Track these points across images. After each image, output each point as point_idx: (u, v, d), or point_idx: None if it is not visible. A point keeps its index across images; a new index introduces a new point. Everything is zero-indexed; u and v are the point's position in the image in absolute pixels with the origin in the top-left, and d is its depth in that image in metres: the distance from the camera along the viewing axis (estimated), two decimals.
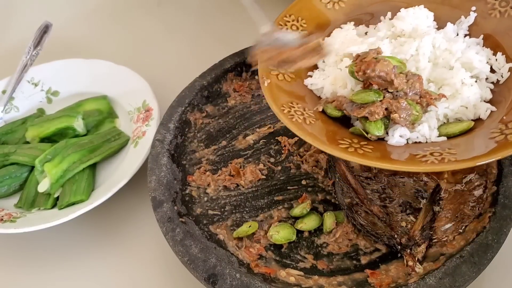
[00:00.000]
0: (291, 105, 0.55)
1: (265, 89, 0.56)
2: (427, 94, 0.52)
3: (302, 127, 0.52)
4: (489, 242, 0.51)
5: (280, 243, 0.57)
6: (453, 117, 0.53)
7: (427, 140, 0.52)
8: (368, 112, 0.51)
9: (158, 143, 0.64)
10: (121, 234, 0.65)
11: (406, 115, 0.50)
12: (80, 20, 0.98)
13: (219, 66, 0.72)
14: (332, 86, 0.56)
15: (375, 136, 0.51)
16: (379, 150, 0.50)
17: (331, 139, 0.51)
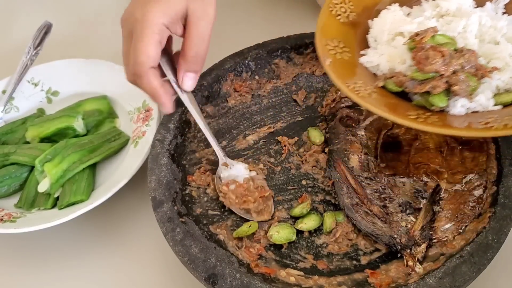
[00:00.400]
0: (354, 81, 0.57)
1: (328, 68, 0.59)
2: (481, 67, 0.55)
3: (370, 100, 0.55)
4: (489, 242, 0.51)
5: (280, 243, 0.57)
6: (504, 88, 0.57)
7: (484, 109, 0.55)
8: (431, 86, 0.54)
9: (158, 143, 0.64)
10: (121, 234, 0.65)
11: (465, 86, 0.54)
12: (80, 20, 0.98)
13: (219, 66, 0.72)
14: (389, 63, 0.60)
15: (439, 107, 0.55)
16: (444, 119, 0.54)
17: (398, 111, 0.55)
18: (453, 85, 0.54)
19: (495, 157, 0.59)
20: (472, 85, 0.54)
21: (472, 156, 0.60)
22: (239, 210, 0.60)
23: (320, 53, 0.60)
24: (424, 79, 0.55)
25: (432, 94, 0.55)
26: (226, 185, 0.61)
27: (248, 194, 0.60)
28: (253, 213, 0.59)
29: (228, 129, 0.70)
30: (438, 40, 0.56)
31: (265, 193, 0.60)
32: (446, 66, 0.54)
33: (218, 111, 0.71)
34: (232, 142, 0.68)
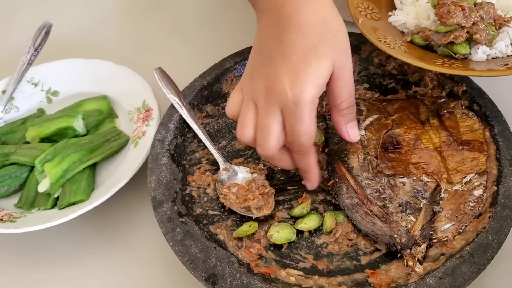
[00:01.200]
0: (385, 37, 0.63)
1: (361, 26, 0.65)
2: (500, 17, 0.62)
3: (399, 52, 0.61)
4: (489, 242, 0.51)
5: (280, 243, 0.57)
6: None
7: (503, 55, 0.61)
8: (453, 37, 0.60)
9: (158, 143, 0.64)
10: (121, 234, 0.65)
11: (485, 34, 0.60)
12: (80, 20, 0.98)
13: (219, 66, 0.72)
14: (415, 20, 0.66)
15: (462, 55, 0.61)
16: (467, 65, 0.60)
17: (425, 59, 0.60)
18: (473, 34, 0.60)
19: (495, 157, 0.59)
20: (491, 33, 0.60)
21: (472, 156, 0.60)
22: (240, 209, 0.60)
23: (353, 13, 0.67)
24: (447, 31, 0.61)
25: (456, 44, 0.61)
26: (228, 188, 0.61)
27: (249, 193, 0.60)
28: (253, 210, 0.59)
29: (228, 129, 0.70)
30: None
31: (265, 190, 0.60)
32: (466, 19, 0.60)
33: (218, 111, 0.71)
34: (232, 142, 0.68)
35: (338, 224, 0.58)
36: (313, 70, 0.52)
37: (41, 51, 0.82)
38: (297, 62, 0.52)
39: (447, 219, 0.55)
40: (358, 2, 0.68)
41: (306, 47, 0.52)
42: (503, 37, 0.62)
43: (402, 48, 0.62)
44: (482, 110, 0.64)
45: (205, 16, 0.95)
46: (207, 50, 0.86)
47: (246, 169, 0.63)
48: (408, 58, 0.60)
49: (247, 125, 0.56)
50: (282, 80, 0.53)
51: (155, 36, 0.92)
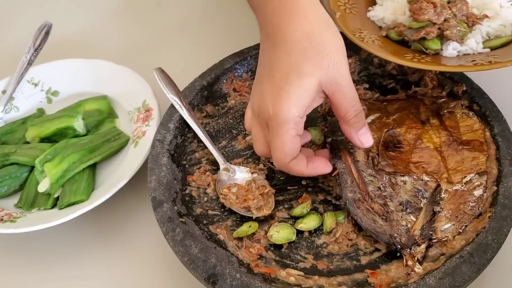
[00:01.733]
0: (360, 31, 0.65)
1: (338, 20, 0.66)
2: (472, 15, 0.63)
3: (372, 46, 0.63)
4: (489, 242, 0.51)
5: (280, 243, 0.57)
6: (494, 35, 0.64)
7: (474, 52, 0.62)
8: (425, 32, 0.62)
9: (158, 143, 0.64)
10: (121, 234, 0.65)
11: (456, 31, 0.61)
12: (80, 20, 0.98)
13: (219, 66, 0.72)
14: (392, 16, 0.68)
15: (434, 50, 0.62)
16: (437, 59, 0.62)
17: (397, 54, 0.62)
18: (445, 30, 0.61)
19: (495, 157, 0.59)
20: (462, 30, 0.62)
21: (472, 156, 0.60)
22: (240, 209, 0.60)
23: (331, 7, 0.68)
24: (419, 27, 0.63)
25: (427, 40, 0.62)
26: (228, 188, 0.61)
27: (249, 194, 0.60)
28: (253, 210, 0.59)
29: (228, 129, 0.70)
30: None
31: (265, 190, 0.60)
32: (438, 15, 0.61)
33: (218, 111, 0.71)
34: (232, 142, 0.68)
35: (338, 224, 0.58)
36: (294, 89, 0.52)
37: (41, 51, 0.82)
38: (279, 80, 0.53)
39: (447, 219, 0.55)
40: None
41: (289, 65, 0.53)
42: (475, 34, 0.63)
43: (376, 42, 0.64)
44: (482, 110, 0.64)
45: (205, 16, 0.95)
46: (207, 50, 0.86)
47: (246, 169, 0.63)
48: (379, 52, 0.61)
49: (257, 140, 0.58)
50: (266, 98, 0.54)
51: (155, 36, 0.92)
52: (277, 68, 0.53)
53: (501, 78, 0.73)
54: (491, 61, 0.58)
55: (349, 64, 0.70)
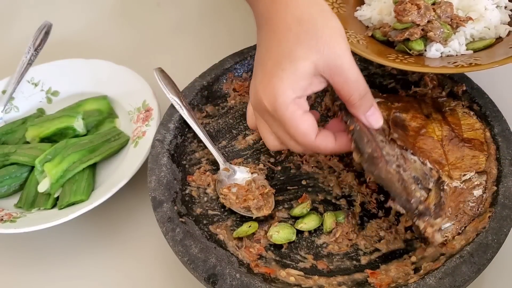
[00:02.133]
0: (346, 31, 0.63)
1: None
2: (456, 17, 0.63)
3: (357, 45, 0.63)
4: (489, 242, 0.51)
5: (280, 243, 0.57)
6: (478, 37, 0.65)
7: (457, 53, 0.63)
8: (408, 33, 0.63)
9: (158, 143, 0.64)
10: (121, 234, 0.65)
11: (440, 32, 0.62)
12: (80, 20, 0.98)
13: (219, 66, 0.72)
14: (378, 16, 0.68)
15: (417, 51, 0.63)
16: (420, 60, 0.63)
17: (380, 54, 0.63)
18: (428, 32, 0.62)
19: (495, 157, 0.59)
20: (446, 32, 0.62)
21: (472, 155, 0.59)
22: (240, 209, 0.60)
23: None
24: (403, 28, 0.63)
25: (411, 40, 0.63)
26: (228, 188, 0.61)
27: (249, 194, 0.60)
28: (253, 210, 0.59)
29: (228, 129, 0.70)
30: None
31: (265, 190, 0.60)
32: (421, 17, 0.62)
33: (218, 111, 0.71)
34: (232, 142, 0.68)
35: (338, 224, 0.58)
36: (287, 74, 0.50)
37: (41, 51, 0.82)
38: (271, 68, 0.51)
39: (447, 217, 0.55)
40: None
41: (281, 52, 0.50)
42: (458, 36, 0.64)
43: (361, 42, 0.65)
44: (482, 110, 0.64)
45: (204, 16, 0.95)
46: (206, 50, 0.86)
47: (246, 169, 0.63)
48: (362, 52, 0.62)
49: (265, 136, 0.56)
50: (258, 89, 0.52)
51: (155, 36, 0.92)
52: (269, 57, 0.51)
53: (501, 78, 0.73)
54: (472, 63, 0.59)
55: None
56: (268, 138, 0.56)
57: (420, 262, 0.54)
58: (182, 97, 0.68)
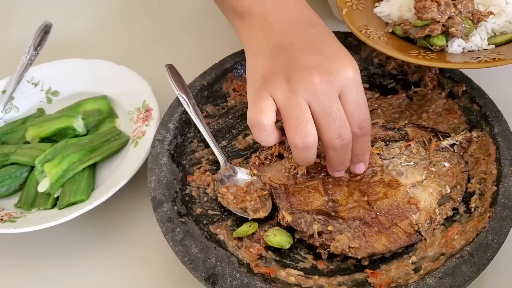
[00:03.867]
0: (366, 27, 0.66)
1: (344, 16, 0.67)
2: (478, 12, 0.63)
3: (378, 42, 0.63)
4: (489, 242, 0.51)
5: (272, 245, 0.57)
6: (499, 31, 0.64)
7: (479, 48, 0.63)
8: (429, 30, 0.62)
9: (158, 143, 0.64)
10: (121, 234, 0.65)
11: (461, 28, 0.62)
12: (80, 20, 0.98)
13: (219, 66, 0.72)
14: (398, 12, 0.68)
15: (439, 46, 0.63)
16: (442, 56, 0.62)
17: (402, 50, 0.63)
18: (449, 27, 0.62)
19: (495, 157, 0.59)
20: (467, 27, 0.62)
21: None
22: (236, 209, 0.60)
23: (338, 3, 0.68)
24: (423, 25, 0.63)
25: (432, 36, 0.63)
26: (226, 188, 0.61)
27: (247, 195, 0.60)
28: (249, 211, 0.59)
29: (228, 129, 0.70)
30: None
31: (263, 193, 0.60)
32: (441, 14, 0.62)
33: (218, 111, 0.71)
34: (232, 142, 0.68)
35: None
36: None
37: (41, 51, 0.82)
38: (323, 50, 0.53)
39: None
40: None
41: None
42: (480, 31, 0.63)
43: (382, 38, 0.64)
44: (482, 110, 0.63)
45: (204, 16, 0.95)
46: (206, 50, 0.86)
47: (246, 171, 0.63)
48: (384, 48, 0.62)
49: (310, 120, 0.51)
50: (334, 60, 0.52)
51: (155, 36, 0.92)
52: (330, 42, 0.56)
53: (501, 78, 0.73)
54: (495, 58, 0.58)
55: None
56: (309, 125, 0.51)
57: (420, 262, 0.54)
58: (191, 96, 0.68)
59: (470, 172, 0.60)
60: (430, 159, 0.60)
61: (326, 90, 0.51)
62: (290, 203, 0.58)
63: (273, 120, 0.52)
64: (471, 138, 0.62)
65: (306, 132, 0.50)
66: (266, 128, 0.51)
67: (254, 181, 0.62)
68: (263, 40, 0.56)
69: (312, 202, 0.58)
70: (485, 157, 0.60)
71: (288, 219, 0.57)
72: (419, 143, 0.61)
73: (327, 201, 0.58)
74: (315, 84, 0.50)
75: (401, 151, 0.60)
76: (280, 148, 0.63)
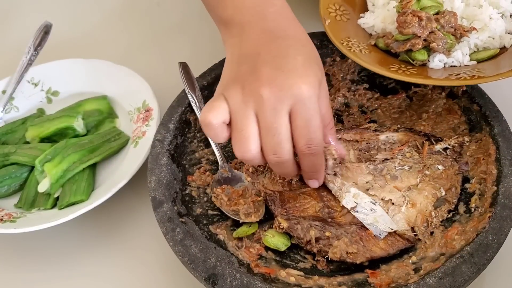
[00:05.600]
0: (348, 39, 0.65)
1: (327, 27, 0.66)
2: (460, 27, 0.63)
3: (359, 55, 0.63)
4: (489, 242, 0.51)
5: (268, 246, 0.57)
6: (482, 46, 0.64)
7: (460, 64, 0.63)
8: (410, 44, 0.62)
9: (158, 143, 0.64)
10: (121, 234, 0.65)
11: (442, 43, 0.61)
12: (80, 20, 0.98)
13: (219, 66, 0.72)
14: (382, 24, 0.67)
15: (420, 61, 0.63)
16: (422, 71, 0.62)
17: (383, 64, 0.63)
18: (431, 42, 0.61)
19: (495, 157, 0.59)
20: (449, 42, 0.62)
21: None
22: (229, 210, 0.60)
23: (322, 14, 0.68)
24: (405, 39, 0.63)
25: (414, 51, 0.62)
26: (222, 189, 0.61)
27: (241, 199, 0.60)
28: (241, 214, 0.59)
29: None
30: (423, 3, 0.63)
31: (257, 198, 0.60)
32: (422, 29, 0.61)
33: None
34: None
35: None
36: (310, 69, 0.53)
37: (41, 51, 0.82)
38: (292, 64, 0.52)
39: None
40: (330, 3, 0.70)
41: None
42: (462, 46, 0.63)
43: (363, 51, 0.64)
44: (482, 110, 0.63)
45: (204, 16, 0.95)
46: (206, 50, 0.86)
47: (244, 176, 0.63)
48: (364, 62, 0.62)
49: (251, 137, 0.51)
50: (289, 76, 0.50)
51: (155, 36, 0.92)
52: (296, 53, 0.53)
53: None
54: (474, 75, 0.58)
55: (349, 64, 0.71)
56: (253, 140, 0.52)
57: (420, 262, 0.54)
58: (200, 96, 0.68)
59: (470, 172, 0.60)
60: (424, 162, 0.60)
61: (273, 105, 0.50)
62: (286, 210, 0.58)
63: (222, 120, 0.51)
64: (463, 142, 0.62)
65: (245, 147, 0.52)
66: (214, 127, 0.51)
67: (250, 186, 0.62)
68: (237, 48, 0.56)
69: (308, 208, 0.58)
70: (485, 157, 0.60)
71: (284, 226, 0.57)
72: (412, 147, 0.61)
73: (322, 207, 0.57)
74: (263, 98, 0.50)
75: (394, 155, 0.60)
76: None
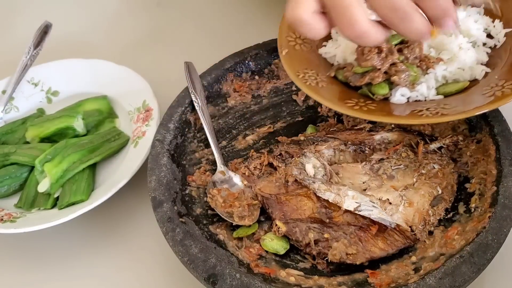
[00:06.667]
0: (306, 71, 0.61)
1: (283, 58, 0.63)
2: (426, 58, 0.58)
3: (314, 89, 0.59)
4: (489, 242, 0.51)
5: (266, 249, 0.57)
6: (451, 78, 0.59)
7: (425, 98, 0.58)
8: (369, 77, 0.57)
9: (158, 143, 0.64)
10: (121, 234, 0.65)
11: (405, 76, 0.56)
12: (80, 20, 0.98)
13: (219, 66, 0.72)
14: (343, 54, 0.63)
15: (381, 95, 0.58)
16: (383, 107, 0.57)
17: (339, 99, 0.58)
18: (392, 75, 0.57)
19: (495, 157, 0.59)
20: (412, 75, 0.57)
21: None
22: (223, 212, 0.60)
23: (279, 43, 0.64)
24: (363, 72, 0.58)
25: (374, 84, 0.58)
26: (218, 190, 0.61)
27: (236, 201, 0.60)
28: (235, 217, 0.59)
29: (228, 129, 0.70)
30: None
31: (252, 202, 0.60)
32: (382, 61, 0.56)
33: (218, 111, 0.71)
34: (232, 142, 0.68)
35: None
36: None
37: (41, 51, 0.82)
38: None
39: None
40: (290, 32, 0.65)
41: None
42: (428, 79, 0.58)
43: (320, 84, 0.60)
44: None
45: (204, 17, 0.95)
46: (206, 50, 0.86)
47: (240, 179, 0.63)
48: (318, 97, 0.57)
49: (356, 8, 0.46)
50: None
51: (155, 36, 0.92)
52: None
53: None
54: (438, 112, 0.54)
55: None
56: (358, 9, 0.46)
57: (420, 262, 0.54)
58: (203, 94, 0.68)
59: (470, 172, 0.60)
60: (419, 161, 0.60)
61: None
62: (283, 213, 0.58)
63: (312, 11, 0.47)
64: (458, 141, 0.61)
65: (355, 21, 0.47)
66: (307, 21, 0.47)
67: (246, 190, 0.62)
68: None
69: (305, 210, 0.57)
70: (484, 157, 0.60)
71: (282, 229, 0.57)
72: (406, 146, 0.61)
73: (319, 207, 0.57)
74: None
75: (390, 154, 0.60)
76: (269, 156, 0.63)
